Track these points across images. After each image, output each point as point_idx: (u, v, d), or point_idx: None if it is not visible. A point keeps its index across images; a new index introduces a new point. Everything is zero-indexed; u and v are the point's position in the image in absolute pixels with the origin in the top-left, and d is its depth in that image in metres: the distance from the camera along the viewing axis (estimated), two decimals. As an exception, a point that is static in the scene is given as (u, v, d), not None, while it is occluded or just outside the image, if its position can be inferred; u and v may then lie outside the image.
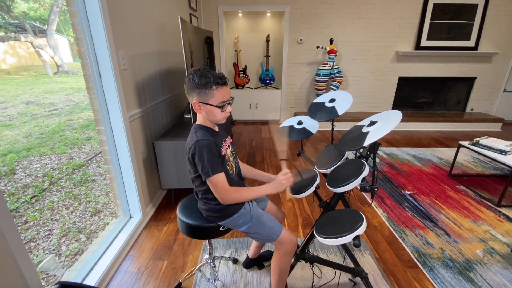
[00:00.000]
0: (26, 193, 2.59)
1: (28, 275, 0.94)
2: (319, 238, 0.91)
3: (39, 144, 3.88)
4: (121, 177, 1.80)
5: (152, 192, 2.12)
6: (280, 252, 1.15)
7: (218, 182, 1.01)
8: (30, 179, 2.89)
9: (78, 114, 5.68)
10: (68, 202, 2.46)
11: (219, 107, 1.02)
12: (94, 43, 1.48)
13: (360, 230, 0.84)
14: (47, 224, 2.14)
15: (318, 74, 4.17)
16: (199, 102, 1.02)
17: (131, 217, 1.91)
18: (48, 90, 8.01)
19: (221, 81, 1.00)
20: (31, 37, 9.93)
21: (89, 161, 3.39)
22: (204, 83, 0.98)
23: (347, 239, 0.84)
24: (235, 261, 1.58)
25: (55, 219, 2.20)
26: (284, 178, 1.08)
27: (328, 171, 1.24)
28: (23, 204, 2.41)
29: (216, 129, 1.15)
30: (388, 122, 0.90)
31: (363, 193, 2.40)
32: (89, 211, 2.30)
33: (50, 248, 1.87)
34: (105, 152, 1.72)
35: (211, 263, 1.38)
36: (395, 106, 4.74)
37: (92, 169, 3.16)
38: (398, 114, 0.91)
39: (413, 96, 4.75)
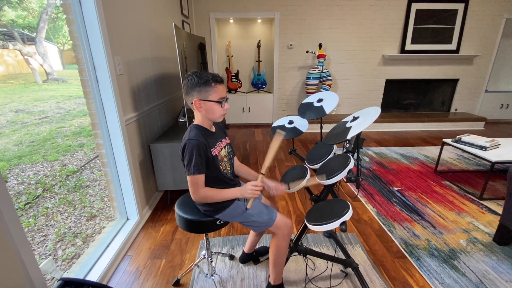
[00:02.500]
0: (19, 200, 2.58)
1: (32, 273, 0.98)
2: (310, 226, 0.98)
3: (31, 152, 3.85)
4: (118, 179, 1.84)
5: (148, 194, 2.16)
6: (278, 236, 1.21)
7: (194, 181, 1.08)
8: (23, 186, 2.88)
9: (69, 121, 5.64)
10: (63, 208, 2.46)
11: (219, 102, 1.10)
12: (91, 49, 1.54)
13: (347, 216, 0.92)
14: (42, 230, 2.14)
15: (308, 78, 4.29)
16: (200, 100, 1.09)
17: (128, 219, 1.93)
18: (37, 98, 7.91)
19: (219, 78, 1.10)
20: (19, 45, 9.82)
21: (82, 167, 3.39)
22: (204, 81, 1.07)
23: (335, 224, 0.91)
24: (231, 257, 1.63)
25: (50, 225, 2.21)
26: (252, 188, 1.11)
27: (317, 166, 1.32)
28: (16, 211, 2.40)
29: (213, 129, 1.21)
30: (368, 117, 0.99)
31: (350, 186, 2.49)
32: (84, 216, 2.31)
33: (46, 253, 1.88)
34: (101, 155, 1.76)
35: (209, 258, 1.43)
36: (383, 108, 4.89)
37: (86, 175, 3.16)
38: (377, 110, 1.00)
39: (400, 97, 4.93)
